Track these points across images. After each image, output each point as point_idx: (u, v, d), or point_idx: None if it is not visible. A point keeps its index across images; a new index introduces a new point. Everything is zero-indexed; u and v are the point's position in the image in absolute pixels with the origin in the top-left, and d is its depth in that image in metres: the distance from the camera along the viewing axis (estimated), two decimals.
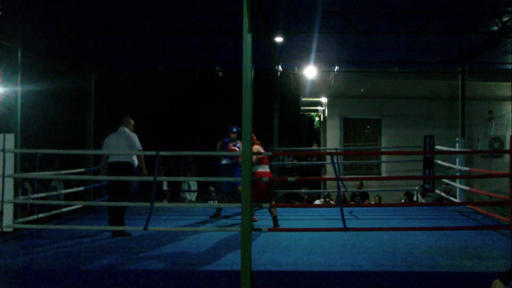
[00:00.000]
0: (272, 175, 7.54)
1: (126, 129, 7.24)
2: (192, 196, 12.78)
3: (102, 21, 8.45)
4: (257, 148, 7.36)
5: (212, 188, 12.55)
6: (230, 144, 8.24)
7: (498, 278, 3.84)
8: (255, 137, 7.27)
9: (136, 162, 7.21)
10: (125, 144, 7.04)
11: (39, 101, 13.63)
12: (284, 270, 5.04)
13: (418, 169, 10.70)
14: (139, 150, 7.10)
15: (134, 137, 7.17)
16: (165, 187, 12.70)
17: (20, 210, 7.92)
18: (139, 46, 10.10)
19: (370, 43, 9.81)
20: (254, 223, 7.66)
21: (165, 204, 10.96)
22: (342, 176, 11.47)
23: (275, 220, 7.34)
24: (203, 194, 13.09)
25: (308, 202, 12.32)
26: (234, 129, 8.23)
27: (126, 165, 7.01)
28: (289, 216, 8.52)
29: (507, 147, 10.50)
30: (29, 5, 7.52)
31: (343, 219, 5.80)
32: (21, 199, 7.65)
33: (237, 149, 8.08)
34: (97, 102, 10.76)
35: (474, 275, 4.95)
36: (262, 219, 8.04)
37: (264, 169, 7.40)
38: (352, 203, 11.94)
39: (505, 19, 8.34)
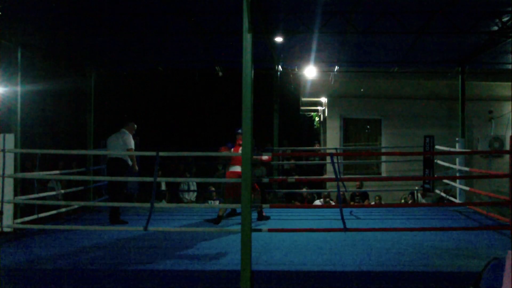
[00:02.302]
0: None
1: (126, 131, 7.96)
2: (192, 196, 12.77)
3: (102, 21, 8.44)
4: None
5: (212, 188, 12.55)
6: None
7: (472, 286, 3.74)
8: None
9: (129, 160, 8.01)
10: (120, 143, 7.81)
11: (39, 101, 13.63)
12: (284, 270, 5.04)
13: (418, 169, 10.71)
14: (130, 148, 7.84)
15: (129, 137, 7.92)
16: (163, 187, 12.68)
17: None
18: (139, 46, 10.09)
19: (370, 43, 9.80)
20: (254, 223, 7.64)
21: (165, 204, 10.95)
22: (342, 176, 11.47)
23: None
24: (203, 194, 13.07)
25: (308, 202, 12.31)
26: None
27: (118, 160, 7.80)
28: (289, 216, 8.53)
29: (507, 147, 10.51)
30: (29, 5, 7.51)
31: (342, 219, 5.81)
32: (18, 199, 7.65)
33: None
34: (97, 102, 10.76)
35: (474, 275, 4.93)
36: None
37: (235, 169, 7.58)
38: (352, 203, 11.94)
39: (505, 19, 8.33)
